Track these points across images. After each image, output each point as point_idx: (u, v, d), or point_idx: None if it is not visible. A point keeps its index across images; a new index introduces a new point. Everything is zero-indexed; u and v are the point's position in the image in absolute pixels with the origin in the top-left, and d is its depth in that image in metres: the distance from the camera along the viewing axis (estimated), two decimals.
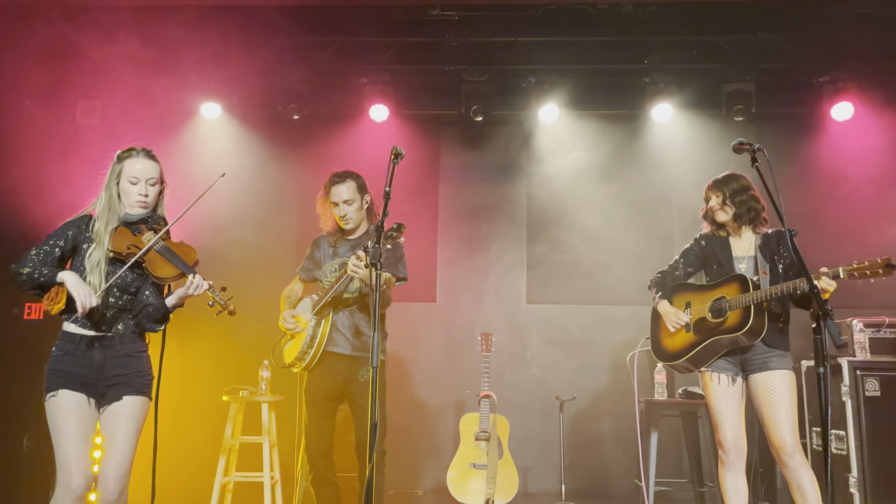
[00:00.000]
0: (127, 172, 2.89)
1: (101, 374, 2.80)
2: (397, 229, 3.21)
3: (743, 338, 3.25)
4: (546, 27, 5.34)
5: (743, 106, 5.43)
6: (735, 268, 3.42)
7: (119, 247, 2.84)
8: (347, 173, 3.74)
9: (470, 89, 5.63)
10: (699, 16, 5.26)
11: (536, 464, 5.62)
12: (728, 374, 3.35)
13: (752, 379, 3.32)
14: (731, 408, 3.32)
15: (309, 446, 3.64)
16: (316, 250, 3.90)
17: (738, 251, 3.47)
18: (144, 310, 2.89)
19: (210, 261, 5.48)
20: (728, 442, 3.29)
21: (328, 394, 3.66)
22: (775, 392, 3.23)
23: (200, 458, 5.10)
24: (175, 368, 4.07)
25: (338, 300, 3.66)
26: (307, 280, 3.93)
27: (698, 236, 3.62)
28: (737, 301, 3.26)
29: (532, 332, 5.92)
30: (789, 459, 3.16)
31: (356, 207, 3.71)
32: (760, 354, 3.30)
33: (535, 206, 6.07)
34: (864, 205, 5.49)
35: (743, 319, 3.22)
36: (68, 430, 2.70)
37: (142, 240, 2.88)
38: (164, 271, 2.85)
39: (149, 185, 2.91)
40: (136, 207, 2.92)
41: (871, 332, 4.39)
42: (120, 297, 2.87)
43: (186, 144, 5.90)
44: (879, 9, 4.97)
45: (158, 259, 2.86)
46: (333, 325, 3.66)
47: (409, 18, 5.35)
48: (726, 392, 3.33)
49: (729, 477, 3.31)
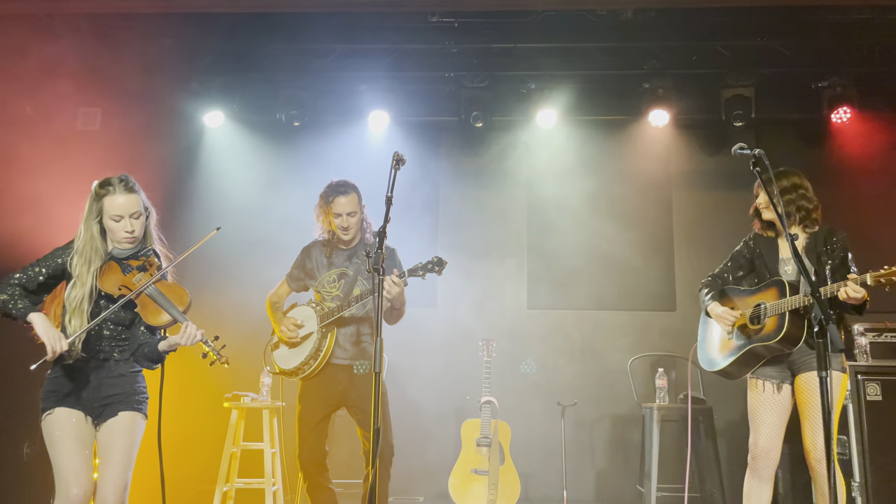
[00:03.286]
0: (108, 211, 2.82)
1: (96, 394, 2.80)
2: (438, 263, 3.26)
3: (778, 346, 3.19)
4: (545, 33, 5.36)
5: (742, 111, 5.43)
6: (780, 270, 3.35)
7: (109, 287, 2.80)
8: (349, 184, 3.70)
9: (469, 95, 5.65)
10: (698, 22, 5.28)
11: (538, 469, 5.61)
12: (773, 382, 3.28)
13: (798, 379, 3.26)
14: (769, 416, 3.26)
15: (302, 454, 3.59)
16: (307, 259, 3.84)
17: (785, 252, 3.38)
18: (140, 349, 2.88)
19: (209, 267, 5.55)
20: (758, 449, 3.25)
21: (326, 402, 3.64)
22: (814, 393, 3.15)
23: (202, 464, 5.10)
24: (176, 375, 4.06)
25: (342, 318, 3.63)
26: (296, 289, 3.89)
27: (747, 237, 3.55)
28: (773, 307, 3.22)
29: (533, 338, 5.91)
30: (817, 465, 3.12)
31: (357, 219, 3.69)
32: (806, 355, 3.23)
33: (534, 212, 6.07)
34: (865, 209, 5.49)
35: (778, 326, 3.17)
36: (65, 442, 2.70)
37: (132, 281, 2.83)
38: (157, 319, 2.81)
39: (133, 219, 2.84)
40: (124, 244, 2.87)
41: (873, 337, 4.39)
42: (115, 329, 2.86)
43: (187, 152, 5.90)
44: (877, 14, 4.99)
45: (150, 305, 2.82)
46: (336, 338, 3.64)
47: (408, 25, 5.37)
48: (768, 400, 3.27)
49: (753, 483, 3.27)
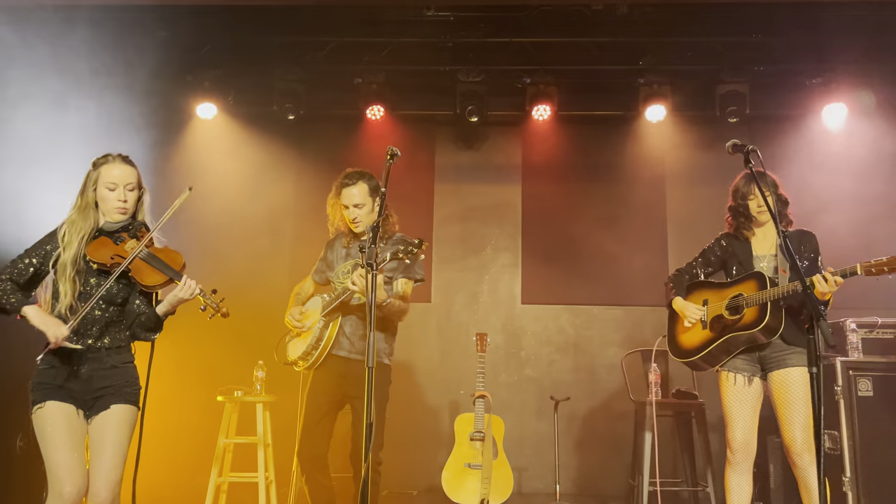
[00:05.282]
0: (104, 179, 2.81)
1: (88, 387, 2.76)
2: (418, 245, 3.13)
3: (759, 334, 3.24)
4: (541, 28, 5.34)
5: (737, 107, 5.44)
6: (755, 266, 3.41)
7: (102, 257, 2.75)
8: (359, 174, 3.59)
9: (465, 90, 5.63)
10: (693, 17, 5.28)
11: (531, 464, 5.63)
12: (745, 375, 3.34)
13: (771, 377, 3.31)
14: (743, 409, 3.31)
15: (301, 450, 3.52)
16: (329, 251, 3.82)
17: (759, 250, 3.46)
18: (137, 319, 2.84)
19: (204, 260, 5.53)
20: (736, 442, 3.30)
21: (331, 397, 3.59)
22: (791, 390, 3.22)
23: (195, 458, 5.09)
24: (169, 368, 4.05)
25: (346, 305, 3.58)
26: (320, 282, 3.84)
27: (719, 236, 3.61)
28: (753, 298, 3.26)
29: (527, 333, 5.92)
30: (798, 459, 3.18)
31: (367, 210, 3.57)
32: (779, 352, 3.29)
33: (529, 207, 6.08)
34: (858, 205, 5.51)
35: (759, 316, 3.22)
36: (57, 438, 2.66)
37: (125, 248, 2.79)
38: (152, 279, 2.78)
39: (127, 190, 2.83)
40: (115, 214, 2.84)
41: (864, 333, 4.41)
42: (106, 309, 2.81)
43: (182, 145, 5.87)
44: (872, 11, 5.00)
45: (145, 267, 2.78)
46: (341, 329, 3.60)
47: (404, 18, 5.35)
48: (741, 393, 3.32)
49: (734, 477, 3.32)
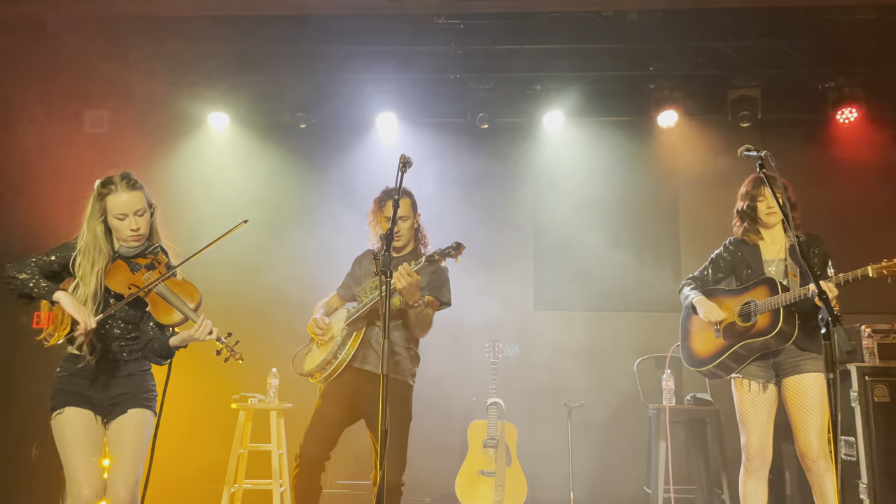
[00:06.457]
0: (112, 210, 2.79)
1: (105, 394, 2.82)
2: (455, 248, 3.18)
3: (773, 341, 3.22)
4: (551, 35, 5.35)
5: (749, 112, 5.44)
6: (765, 271, 3.39)
7: (118, 287, 2.78)
8: (403, 190, 3.59)
9: (476, 97, 5.65)
10: (704, 23, 5.25)
11: (545, 471, 5.60)
12: (759, 381, 3.32)
13: (785, 382, 3.29)
14: (759, 415, 3.29)
15: (304, 450, 3.37)
16: (357, 267, 3.80)
17: (769, 255, 3.44)
18: (149, 344, 2.88)
19: (218, 268, 5.57)
20: (752, 449, 3.28)
21: (349, 404, 3.48)
22: (806, 396, 3.20)
23: (209, 465, 5.11)
24: (183, 376, 4.07)
25: (374, 315, 3.49)
26: (345, 298, 3.79)
27: (727, 242, 3.60)
28: (765, 304, 3.24)
29: (539, 339, 5.91)
30: (813, 465, 3.16)
31: (409, 225, 3.64)
32: (793, 357, 3.27)
33: (541, 213, 6.08)
34: (872, 209, 5.48)
35: (772, 323, 3.20)
36: (76, 442, 2.71)
37: (141, 280, 2.81)
38: (168, 318, 2.79)
39: (137, 216, 2.82)
40: (130, 242, 2.85)
41: (880, 338, 4.38)
42: (125, 328, 2.87)
43: (194, 154, 5.91)
44: (884, 15, 4.97)
45: (161, 303, 2.79)
46: (367, 342, 3.50)
47: (414, 27, 5.37)
48: (756, 399, 3.30)
49: (750, 483, 3.30)
